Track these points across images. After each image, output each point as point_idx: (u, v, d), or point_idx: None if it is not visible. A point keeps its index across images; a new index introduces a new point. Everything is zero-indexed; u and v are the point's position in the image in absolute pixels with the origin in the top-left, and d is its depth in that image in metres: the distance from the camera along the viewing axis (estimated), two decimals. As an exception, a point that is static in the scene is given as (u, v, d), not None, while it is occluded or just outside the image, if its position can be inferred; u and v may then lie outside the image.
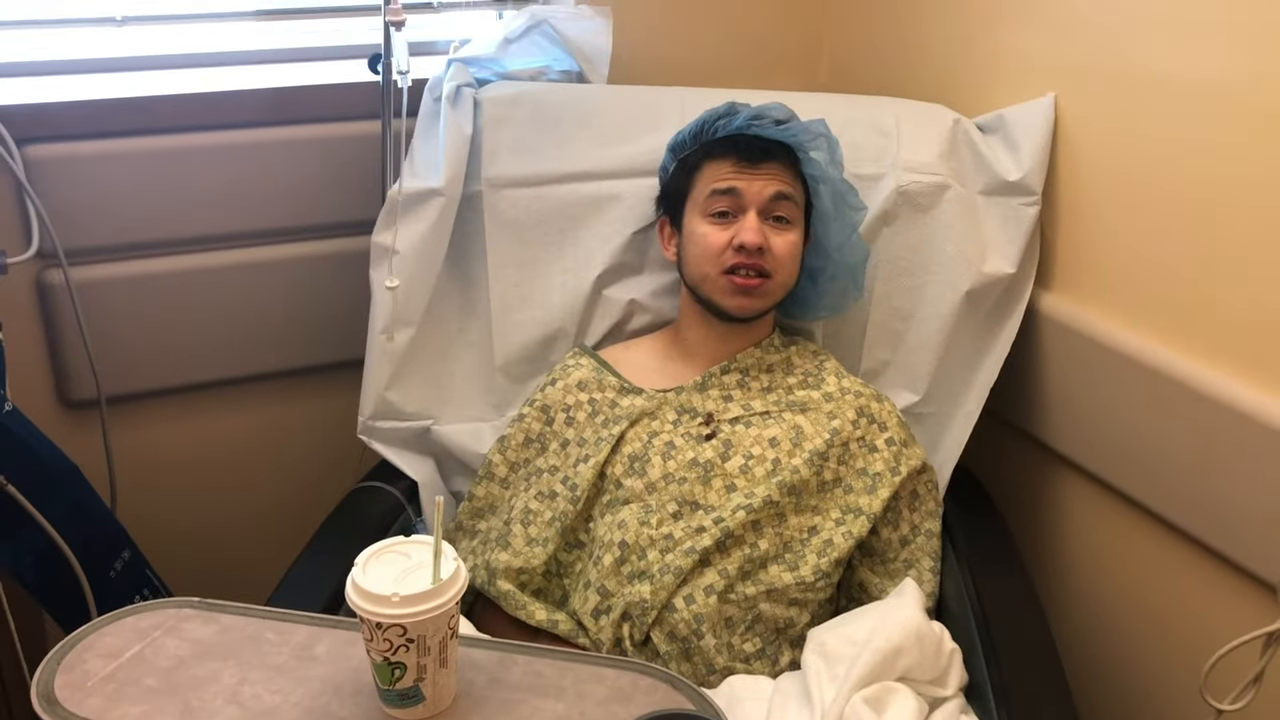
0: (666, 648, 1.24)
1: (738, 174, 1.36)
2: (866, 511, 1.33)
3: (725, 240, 1.35)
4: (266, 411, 1.71)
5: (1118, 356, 1.40)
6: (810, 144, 1.39)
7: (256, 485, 1.74)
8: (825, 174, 1.39)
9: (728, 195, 1.35)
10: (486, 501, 1.38)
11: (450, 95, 1.51)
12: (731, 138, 1.38)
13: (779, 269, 1.36)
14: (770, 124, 1.38)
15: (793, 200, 1.37)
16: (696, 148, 1.41)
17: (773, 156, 1.37)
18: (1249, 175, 1.22)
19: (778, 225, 1.36)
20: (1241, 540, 1.27)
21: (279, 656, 1.02)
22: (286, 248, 1.63)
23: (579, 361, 1.44)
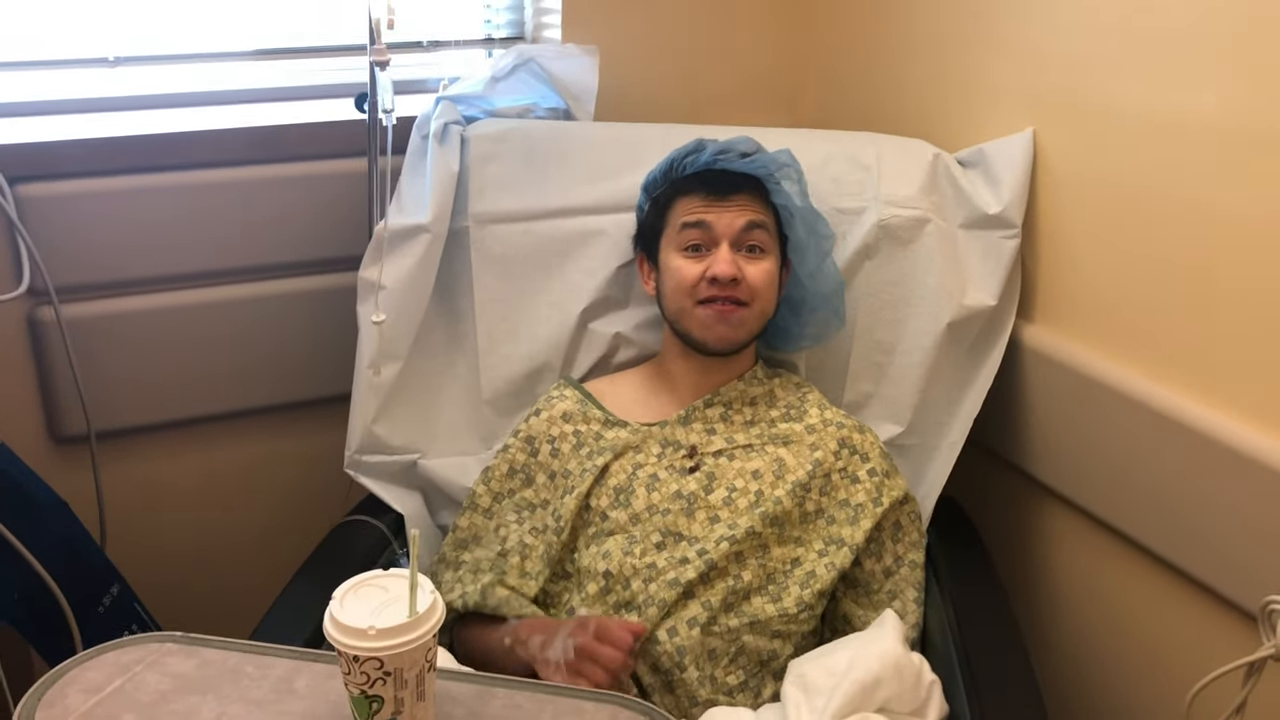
0: (649, 679, 1.24)
1: (707, 208, 1.38)
2: (849, 542, 1.34)
3: (699, 273, 1.36)
4: (255, 446, 1.72)
5: (1099, 387, 1.41)
6: (778, 173, 1.41)
7: (245, 519, 1.75)
8: (794, 203, 1.41)
9: (699, 228, 1.37)
10: (470, 532, 1.38)
11: (438, 132, 1.54)
12: (700, 173, 1.40)
13: (755, 297, 1.37)
14: (736, 157, 1.40)
15: (765, 229, 1.39)
16: (667, 185, 1.43)
17: (741, 189, 1.39)
18: (1227, 207, 1.23)
19: (751, 255, 1.38)
20: (1223, 570, 1.28)
21: (258, 691, 1.02)
22: (275, 284, 1.65)
23: (564, 393, 1.45)
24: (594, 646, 1.14)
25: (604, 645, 1.14)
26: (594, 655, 1.14)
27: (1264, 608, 1.18)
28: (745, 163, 1.40)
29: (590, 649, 1.14)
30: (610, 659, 1.13)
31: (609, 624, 1.15)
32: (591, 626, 1.16)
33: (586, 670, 1.13)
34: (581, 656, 1.14)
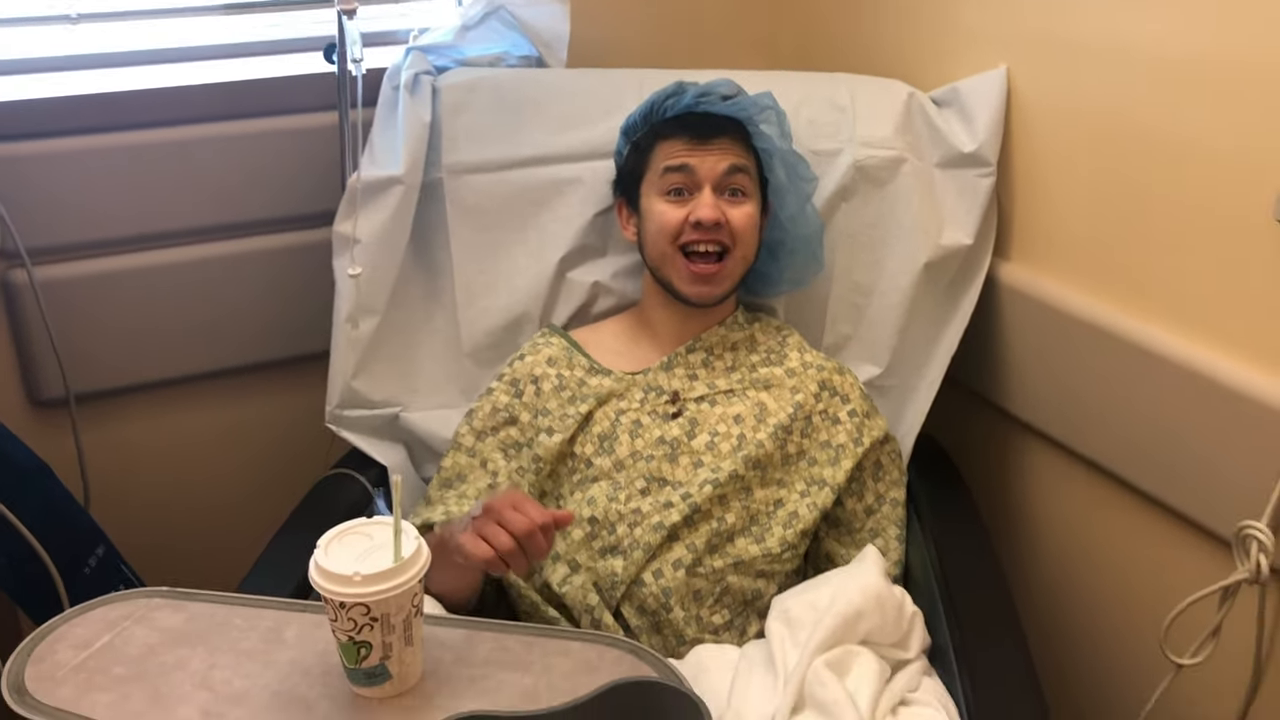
0: (636, 621, 1.26)
1: (690, 151, 1.37)
2: (830, 483, 1.35)
3: (681, 217, 1.36)
4: (235, 405, 1.72)
5: (1075, 322, 1.42)
6: (759, 117, 1.41)
7: (228, 477, 1.75)
8: (776, 146, 1.41)
9: (681, 172, 1.37)
10: (454, 471, 1.38)
11: (408, 83, 1.52)
12: (681, 116, 1.39)
13: (738, 242, 1.37)
14: (718, 100, 1.39)
15: (747, 173, 1.38)
16: (647, 129, 1.42)
17: (723, 132, 1.38)
18: (1200, 139, 1.24)
19: (733, 199, 1.37)
20: (1198, 498, 1.30)
21: (247, 641, 1.03)
22: (249, 241, 1.63)
23: (549, 340, 1.45)
24: (500, 506, 1.07)
25: (514, 511, 1.07)
26: (499, 515, 1.07)
27: (1238, 532, 1.20)
28: (727, 105, 1.39)
29: (497, 508, 1.07)
30: (513, 520, 1.06)
31: (526, 497, 1.10)
32: (507, 495, 1.10)
33: (488, 530, 1.06)
34: (487, 516, 1.08)
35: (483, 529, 1.07)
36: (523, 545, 1.06)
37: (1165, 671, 1.28)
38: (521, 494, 1.10)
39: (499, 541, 1.06)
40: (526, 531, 1.06)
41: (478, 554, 1.06)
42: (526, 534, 1.06)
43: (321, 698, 0.97)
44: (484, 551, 1.06)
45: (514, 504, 1.08)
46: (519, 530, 1.06)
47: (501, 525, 1.07)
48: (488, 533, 1.07)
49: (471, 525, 1.08)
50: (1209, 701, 1.32)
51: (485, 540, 1.06)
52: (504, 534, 1.06)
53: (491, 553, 1.06)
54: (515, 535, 1.06)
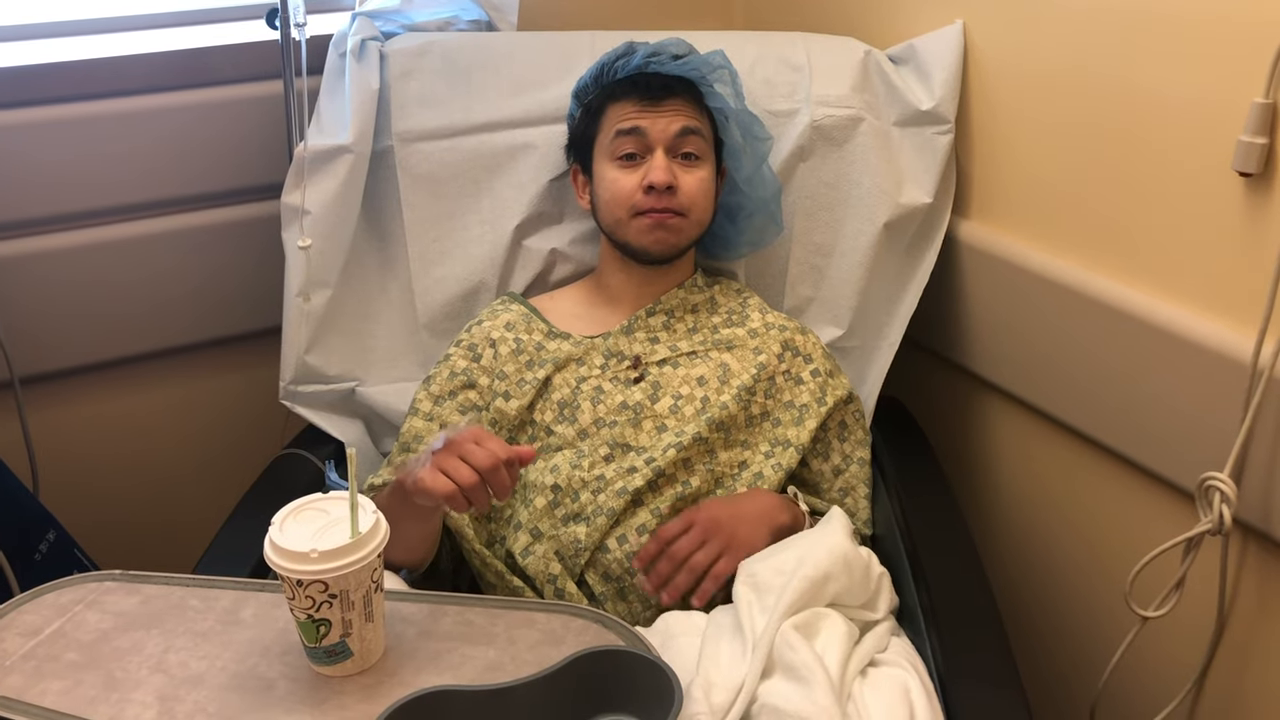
0: (601, 588, 1.24)
1: (641, 113, 1.34)
2: (795, 443, 1.34)
3: (635, 182, 1.33)
4: (186, 383, 1.68)
5: (1035, 279, 1.42)
6: (711, 76, 1.38)
7: (181, 458, 1.71)
8: (729, 106, 1.39)
9: (633, 135, 1.34)
10: (411, 434, 1.35)
11: (355, 50, 1.48)
12: (631, 77, 1.37)
13: (692, 207, 1.35)
14: (669, 59, 1.37)
15: (700, 134, 1.36)
16: (598, 91, 1.39)
17: (675, 92, 1.35)
18: (1158, 90, 1.23)
19: (687, 162, 1.35)
20: (1160, 451, 1.30)
21: (204, 623, 1.01)
22: (196, 215, 1.58)
23: (508, 306, 1.42)
24: (462, 440, 1.03)
25: (478, 446, 1.03)
26: (461, 449, 1.03)
27: (1201, 484, 1.21)
28: (678, 65, 1.37)
29: (462, 445, 1.03)
30: (476, 454, 1.02)
31: (488, 433, 1.06)
32: (470, 429, 1.06)
33: (449, 464, 1.02)
34: (449, 450, 1.03)
35: (444, 463, 1.03)
36: (486, 479, 1.03)
37: (1131, 624, 1.29)
38: (483, 429, 1.06)
39: (460, 475, 1.02)
40: (490, 465, 1.02)
41: (437, 488, 1.02)
42: (490, 468, 1.02)
43: (281, 677, 0.95)
44: (444, 486, 1.02)
45: (476, 438, 1.04)
46: (482, 464, 1.02)
47: (464, 459, 1.03)
48: (449, 467, 1.03)
49: (432, 460, 1.04)
50: (1174, 652, 1.33)
51: (447, 475, 1.03)
52: (465, 468, 1.02)
53: (453, 487, 1.02)
54: (478, 469, 1.02)
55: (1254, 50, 1.11)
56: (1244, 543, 1.24)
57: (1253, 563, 1.24)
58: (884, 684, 1.01)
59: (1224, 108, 1.16)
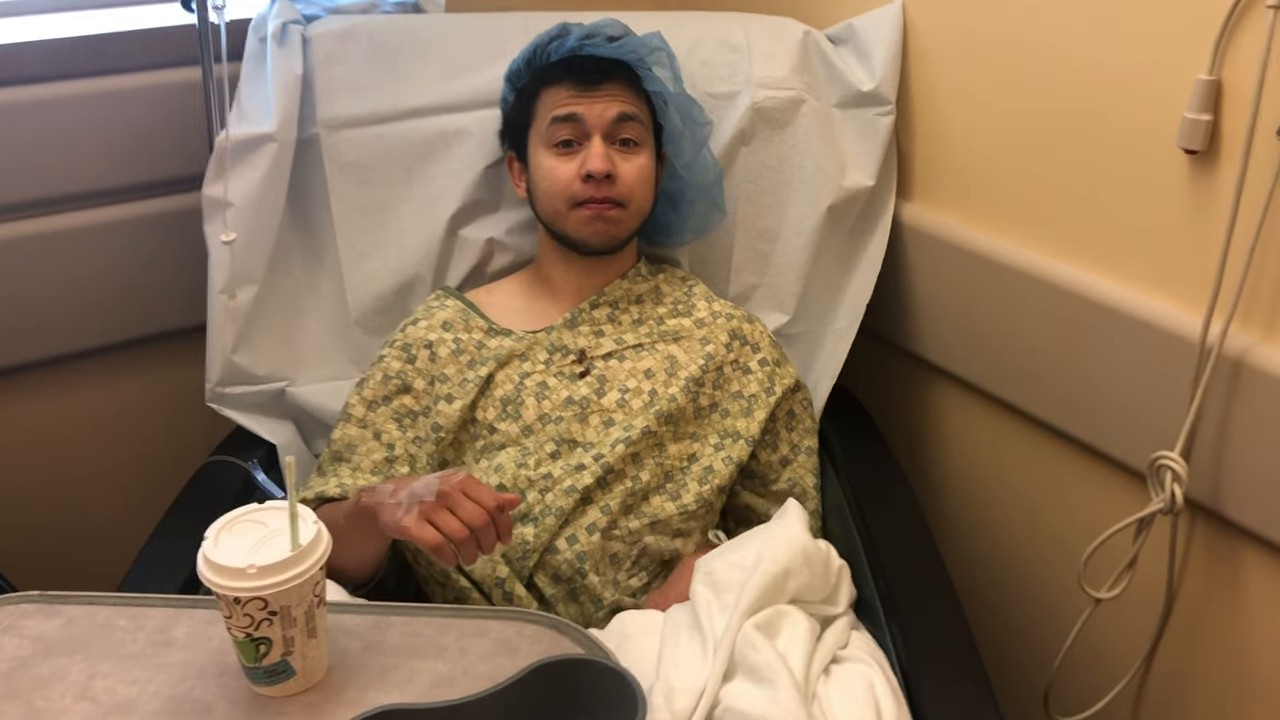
0: (551, 590, 1.21)
1: (576, 98, 1.30)
2: (744, 435, 1.31)
3: (572, 171, 1.29)
4: (106, 387, 1.58)
5: (980, 260, 1.41)
6: (649, 58, 1.34)
7: (103, 467, 1.62)
8: (668, 89, 1.35)
9: (569, 122, 1.29)
10: (344, 443, 1.30)
11: (276, 34, 1.41)
12: (565, 60, 1.31)
13: (632, 196, 1.31)
14: (604, 41, 1.32)
15: (638, 120, 1.32)
16: (531, 75, 1.34)
17: (611, 76, 1.31)
18: (1101, 68, 1.22)
19: (625, 149, 1.31)
20: (1110, 432, 1.30)
21: (133, 645, 0.95)
22: (114, 209, 1.49)
23: (444, 303, 1.37)
24: (457, 495, 1.00)
25: (468, 499, 1.00)
26: (455, 505, 1.00)
27: (1152, 463, 1.20)
28: (614, 47, 1.32)
29: (453, 497, 1.00)
30: (472, 514, 0.99)
31: (478, 482, 1.03)
32: (459, 477, 1.03)
33: (440, 518, 0.99)
34: (442, 503, 1.00)
35: (434, 516, 1.00)
36: (477, 535, 1.00)
37: (1083, 605, 1.29)
38: (473, 478, 1.03)
39: (451, 530, 0.99)
40: (483, 524, 1.00)
41: (426, 539, 0.99)
42: (483, 526, 1.00)
43: (219, 700, 0.89)
44: (433, 538, 0.99)
45: (466, 489, 1.01)
46: (474, 522, 1.00)
47: (454, 513, 1.00)
48: (439, 520, 1.00)
49: (420, 509, 1.01)
50: (1126, 632, 1.33)
51: (435, 524, 1.00)
52: (456, 522, 1.00)
53: (441, 540, 0.99)
54: (469, 525, 1.00)
55: (1198, 26, 1.11)
56: (1193, 521, 1.24)
57: (1201, 541, 1.24)
58: (848, 681, 0.98)
59: (1168, 84, 1.15)
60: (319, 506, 1.24)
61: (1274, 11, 1.04)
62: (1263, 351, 1.12)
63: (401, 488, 1.04)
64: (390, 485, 1.06)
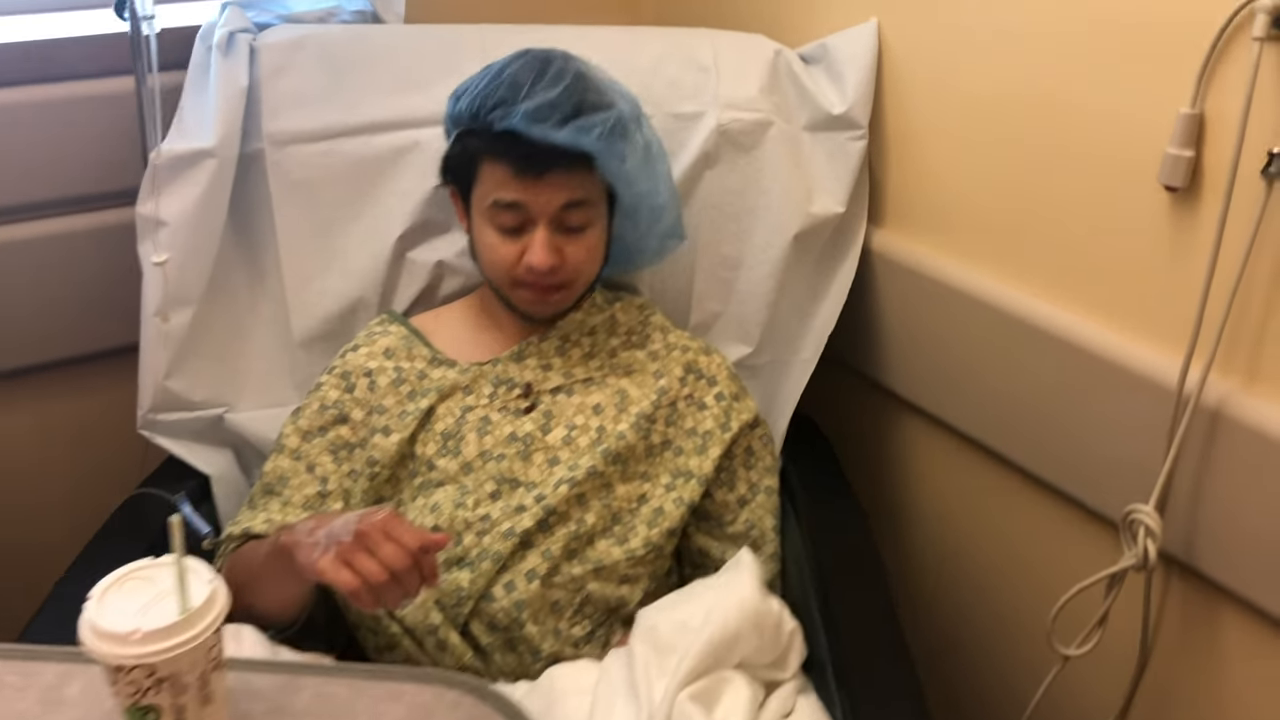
0: (487, 639, 1.14)
1: (521, 186, 1.16)
2: (697, 474, 1.24)
3: (515, 255, 1.19)
4: (34, 411, 1.51)
5: (953, 293, 1.35)
6: (610, 141, 1.16)
7: (22, 499, 1.53)
8: (624, 172, 1.20)
9: (512, 210, 1.18)
10: (275, 475, 1.23)
11: (222, 43, 1.35)
12: (510, 134, 1.15)
13: (578, 275, 1.22)
14: (556, 124, 1.14)
15: (588, 203, 1.20)
16: (472, 135, 1.20)
17: (559, 163, 1.16)
18: (1083, 99, 1.16)
19: (572, 234, 1.20)
20: (1082, 479, 1.24)
21: (21, 703, 0.88)
22: (45, 224, 1.42)
23: (387, 329, 1.31)
24: (377, 536, 0.94)
25: (389, 541, 0.94)
26: (374, 546, 0.93)
27: (1125, 516, 1.14)
28: (569, 133, 1.14)
29: (373, 537, 0.94)
30: (392, 556, 0.93)
31: (401, 521, 0.97)
32: (380, 516, 0.96)
33: (358, 560, 0.93)
34: (360, 544, 0.94)
35: (351, 557, 0.94)
36: (398, 578, 0.94)
37: (1052, 660, 1.23)
38: (396, 517, 0.97)
39: (370, 572, 0.93)
40: (404, 566, 0.93)
41: (341, 583, 0.93)
42: (405, 569, 0.93)
43: (107, 769, 0.83)
44: (350, 582, 0.93)
45: (387, 529, 0.95)
46: (395, 565, 0.93)
47: (373, 554, 0.93)
48: (357, 562, 0.93)
49: (337, 550, 0.94)
50: (1096, 690, 1.26)
51: (353, 567, 0.93)
52: (375, 564, 0.93)
53: (358, 584, 0.93)
54: (390, 568, 0.93)
55: (1181, 57, 1.04)
56: (1168, 576, 1.18)
57: (1176, 597, 1.18)
58: (789, 754, 0.92)
59: (1150, 117, 1.09)
60: (244, 543, 1.18)
61: (1259, 44, 0.98)
62: (1242, 401, 1.06)
63: (321, 526, 0.98)
64: (310, 523, 1.00)
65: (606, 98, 1.19)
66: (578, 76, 1.17)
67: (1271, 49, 0.98)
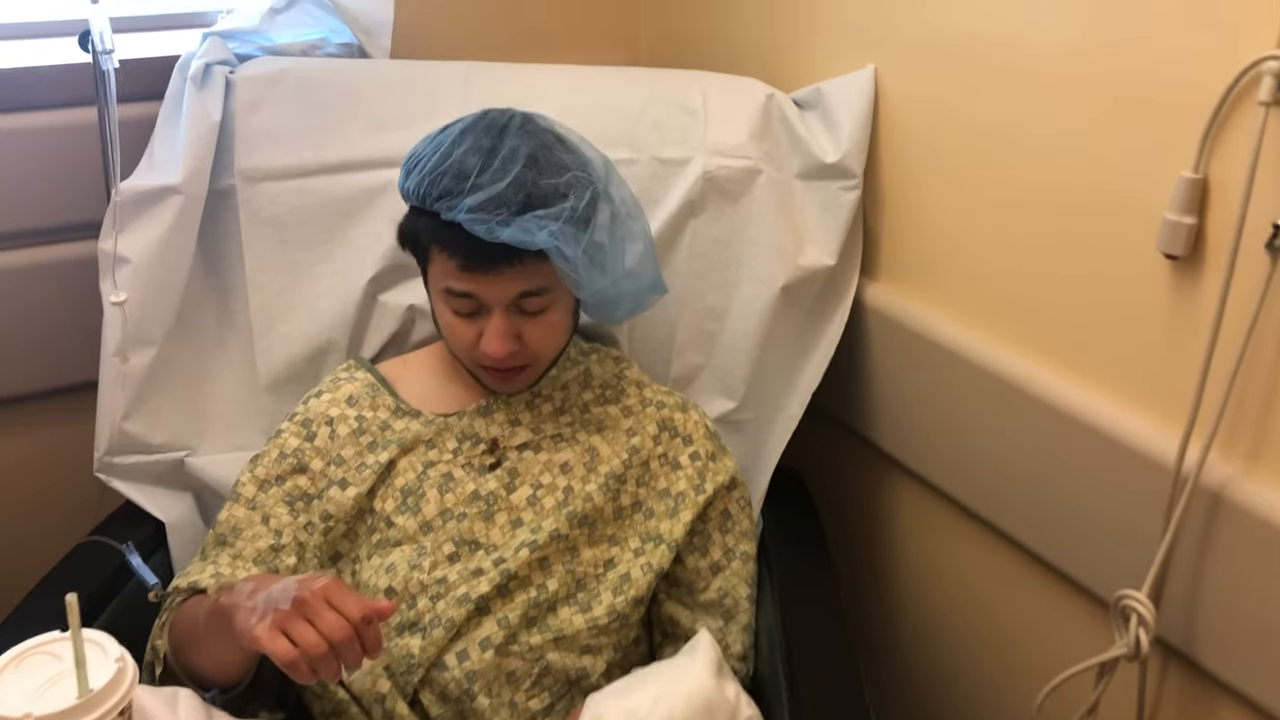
0: (437, 710, 1.08)
1: (471, 280, 1.10)
2: (667, 539, 1.18)
3: (473, 337, 1.14)
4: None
5: (946, 352, 1.29)
6: (558, 236, 1.07)
7: None
8: (580, 261, 1.09)
9: (465, 298, 1.12)
10: (229, 525, 1.17)
11: (196, 75, 1.31)
12: (459, 228, 1.07)
13: (540, 354, 1.17)
14: (501, 221, 1.05)
15: (546, 289, 1.12)
16: (420, 216, 1.13)
17: (507, 260, 1.08)
18: (1083, 156, 1.10)
19: (532, 316, 1.14)
20: (1074, 554, 1.17)
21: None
22: (6, 256, 1.39)
23: (353, 375, 1.26)
24: (318, 604, 0.89)
25: (330, 609, 0.90)
26: (314, 615, 0.89)
27: (1116, 602, 1.07)
28: (514, 231, 1.05)
29: (312, 605, 0.89)
30: (332, 626, 0.88)
31: (343, 588, 0.92)
32: (320, 582, 0.92)
33: (296, 629, 0.88)
34: (299, 611, 0.89)
35: (288, 625, 0.89)
36: (337, 650, 0.89)
37: (1038, 749, 1.16)
38: (338, 584, 0.92)
39: (307, 642, 0.88)
40: (344, 638, 0.88)
41: (278, 653, 0.88)
42: (344, 641, 0.88)
43: None
44: (286, 652, 0.88)
45: (328, 597, 0.90)
46: (334, 636, 0.88)
47: (312, 623, 0.88)
48: (294, 631, 0.88)
49: (275, 617, 0.89)
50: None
51: (289, 635, 0.88)
52: (313, 634, 0.88)
53: (296, 654, 0.88)
54: (329, 639, 0.88)
55: (1184, 118, 0.98)
56: (1164, 665, 1.11)
57: (1173, 689, 1.11)
58: None
59: (1151, 179, 1.03)
60: (189, 598, 1.12)
61: (1265, 108, 0.92)
62: (1245, 486, 0.99)
63: (261, 589, 0.92)
64: (249, 585, 0.94)
65: (562, 181, 1.09)
66: (529, 161, 1.08)
67: (1278, 114, 0.92)
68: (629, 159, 1.34)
